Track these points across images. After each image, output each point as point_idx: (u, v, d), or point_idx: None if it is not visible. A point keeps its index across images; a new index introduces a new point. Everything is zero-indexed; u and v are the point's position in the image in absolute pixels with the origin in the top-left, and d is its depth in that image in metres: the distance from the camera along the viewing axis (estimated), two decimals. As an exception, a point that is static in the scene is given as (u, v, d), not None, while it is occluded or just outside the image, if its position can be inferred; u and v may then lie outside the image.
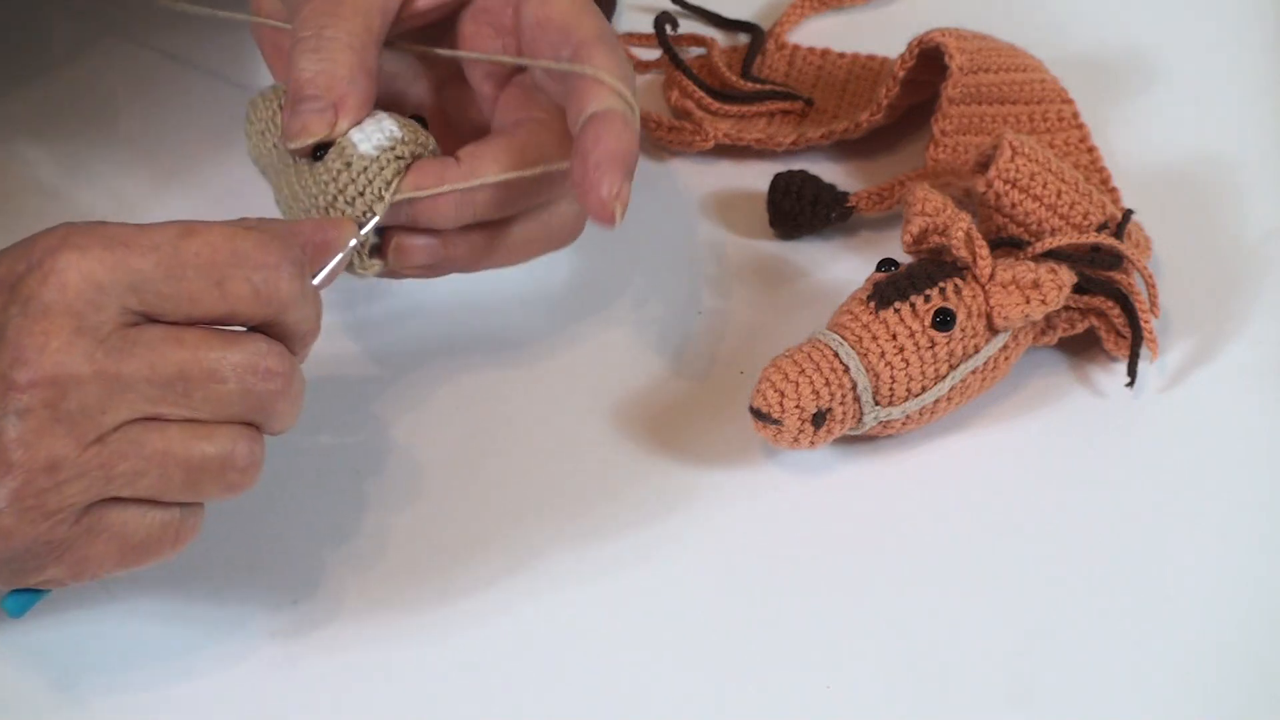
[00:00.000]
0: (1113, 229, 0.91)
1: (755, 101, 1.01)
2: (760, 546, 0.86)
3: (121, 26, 1.03)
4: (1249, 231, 0.97)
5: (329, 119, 0.83)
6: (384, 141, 0.83)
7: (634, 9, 1.07)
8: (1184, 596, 0.84)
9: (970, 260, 0.87)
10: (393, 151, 0.83)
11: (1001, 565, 0.85)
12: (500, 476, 0.87)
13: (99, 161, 0.98)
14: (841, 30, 1.06)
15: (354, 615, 0.83)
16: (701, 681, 0.81)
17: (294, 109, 0.83)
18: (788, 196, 0.96)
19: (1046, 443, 0.89)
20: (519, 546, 0.85)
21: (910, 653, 0.82)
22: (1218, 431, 0.89)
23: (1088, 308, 0.90)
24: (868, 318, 0.86)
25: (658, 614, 0.83)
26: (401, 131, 0.83)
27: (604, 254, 0.95)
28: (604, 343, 0.92)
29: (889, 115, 0.99)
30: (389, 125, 0.84)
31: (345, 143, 0.83)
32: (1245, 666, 0.82)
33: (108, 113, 1.01)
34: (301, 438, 0.87)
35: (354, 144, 0.83)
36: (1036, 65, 1.00)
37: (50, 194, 0.97)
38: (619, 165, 0.81)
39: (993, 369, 0.88)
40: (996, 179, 0.89)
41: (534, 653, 0.82)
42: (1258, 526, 0.86)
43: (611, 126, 0.82)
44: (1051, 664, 0.82)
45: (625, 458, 0.88)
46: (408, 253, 0.85)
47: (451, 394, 0.90)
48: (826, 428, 0.85)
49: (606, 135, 0.81)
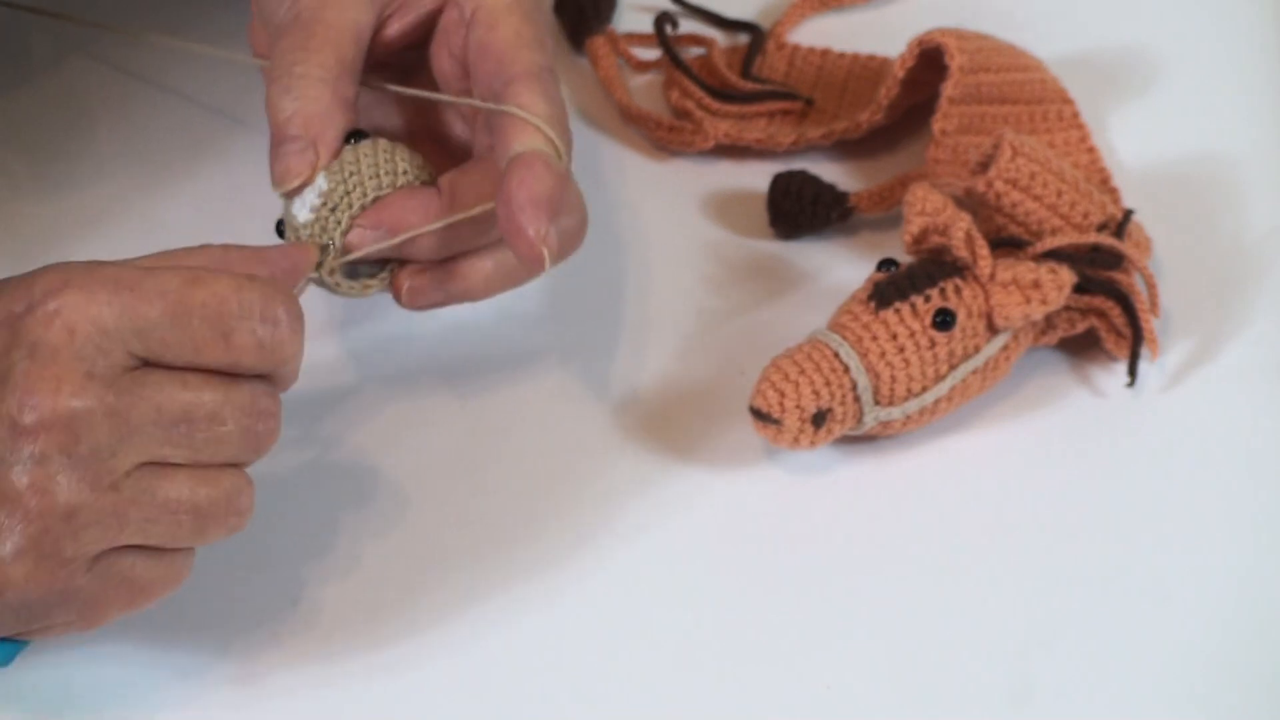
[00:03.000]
0: (1113, 229, 0.91)
1: (755, 101, 1.01)
2: (760, 547, 0.86)
3: (96, 47, 1.03)
4: (1249, 231, 0.97)
5: (310, 159, 0.83)
6: (315, 201, 0.83)
7: (634, 9, 1.07)
8: (1184, 596, 0.84)
9: (970, 260, 0.87)
10: (325, 208, 0.83)
11: (1002, 565, 0.85)
12: (500, 476, 0.87)
13: (72, 172, 0.98)
14: (841, 30, 1.06)
15: (354, 616, 0.83)
16: (701, 681, 0.81)
17: (276, 152, 0.83)
18: (788, 196, 0.96)
19: (1046, 443, 0.89)
20: (518, 547, 0.85)
21: (910, 652, 0.82)
22: (1218, 431, 0.89)
23: (1088, 308, 0.90)
24: (868, 318, 0.86)
25: (657, 614, 0.83)
26: (328, 182, 0.83)
27: (604, 254, 0.95)
28: (603, 343, 0.92)
29: (889, 115, 0.99)
30: (320, 181, 0.83)
31: (288, 213, 0.83)
32: (1246, 666, 0.82)
33: (81, 127, 1.00)
34: (301, 439, 0.87)
35: (294, 214, 0.83)
36: (1036, 65, 1.00)
37: (25, 201, 0.97)
38: (541, 209, 0.80)
39: (993, 369, 0.88)
40: (997, 179, 0.89)
41: (533, 653, 0.82)
42: (1258, 526, 0.86)
43: (532, 169, 0.81)
44: (1052, 664, 0.82)
45: (625, 458, 0.88)
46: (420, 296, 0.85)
47: (450, 394, 0.90)
48: (826, 428, 0.85)
49: (528, 178, 0.80)
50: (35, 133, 1.00)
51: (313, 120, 0.83)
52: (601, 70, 1.03)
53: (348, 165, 0.83)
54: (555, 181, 0.81)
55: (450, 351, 0.92)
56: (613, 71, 1.02)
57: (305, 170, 0.83)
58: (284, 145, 0.83)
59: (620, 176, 0.99)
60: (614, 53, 1.04)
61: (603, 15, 1.05)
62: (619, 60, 1.04)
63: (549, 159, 0.81)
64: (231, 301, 0.73)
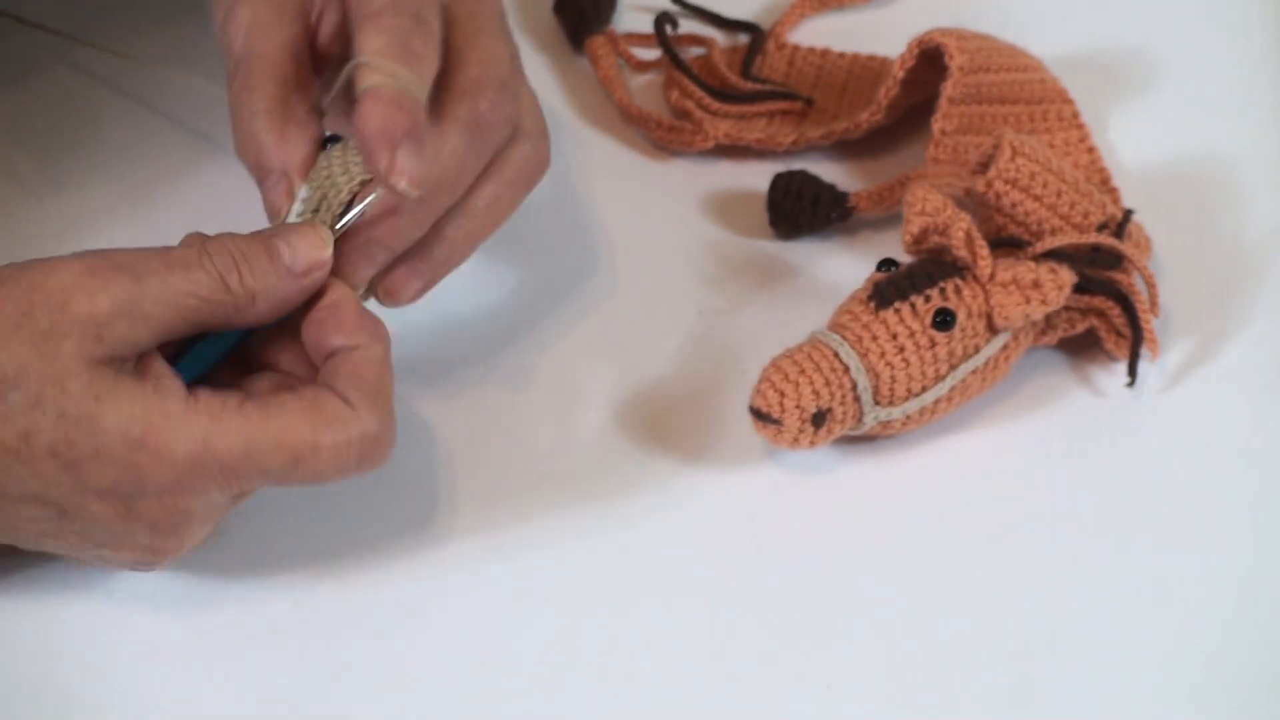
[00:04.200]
0: (1113, 229, 0.91)
1: (755, 101, 1.01)
2: (760, 546, 0.86)
3: (78, 57, 1.03)
4: (1249, 231, 0.97)
5: (285, 187, 0.84)
6: (300, 208, 0.83)
7: (634, 9, 1.07)
8: (1184, 596, 0.84)
9: (970, 260, 0.87)
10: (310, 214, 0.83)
11: (1002, 565, 0.85)
12: (499, 476, 0.87)
13: (58, 179, 0.98)
14: (841, 30, 1.06)
15: (354, 616, 0.83)
16: (701, 681, 0.81)
17: (261, 191, 0.84)
18: (788, 196, 0.96)
19: (1046, 443, 0.89)
20: (518, 546, 0.85)
21: (910, 652, 0.82)
22: (1218, 431, 0.89)
23: (1088, 308, 0.90)
24: (868, 318, 0.86)
25: (657, 614, 0.83)
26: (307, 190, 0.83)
27: (604, 254, 0.95)
28: (604, 343, 0.92)
29: (889, 115, 0.99)
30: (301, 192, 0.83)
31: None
32: (1246, 666, 0.82)
33: (66, 136, 1.00)
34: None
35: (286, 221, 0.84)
36: (1036, 65, 1.00)
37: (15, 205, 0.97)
38: (383, 142, 0.80)
39: (993, 369, 0.88)
40: (996, 179, 0.89)
41: (533, 653, 0.82)
42: (1258, 526, 0.86)
43: (373, 106, 0.80)
44: (1052, 664, 0.82)
45: (625, 457, 0.88)
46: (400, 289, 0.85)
47: (449, 394, 0.90)
48: (826, 428, 0.85)
49: (369, 115, 0.80)
50: (24, 140, 1.00)
51: (274, 152, 0.84)
52: (601, 70, 1.03)
53: (321, 172, 0.84)
54: (392, 112, 0.80)
55: (449, 351, 0.92)
56: (613, 71, 1.02)
57: (285, 200, 0.84)
58: (263, 184, 0.84)
59: (620, 176, 0.99)
60: (614, 53, 1.04)
61: (603, 15, 1.05)
62: (619, 60, 1.04)
63: (384, 90, 0.81)
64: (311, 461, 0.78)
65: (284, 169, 0.84)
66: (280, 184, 0.84)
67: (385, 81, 0.81)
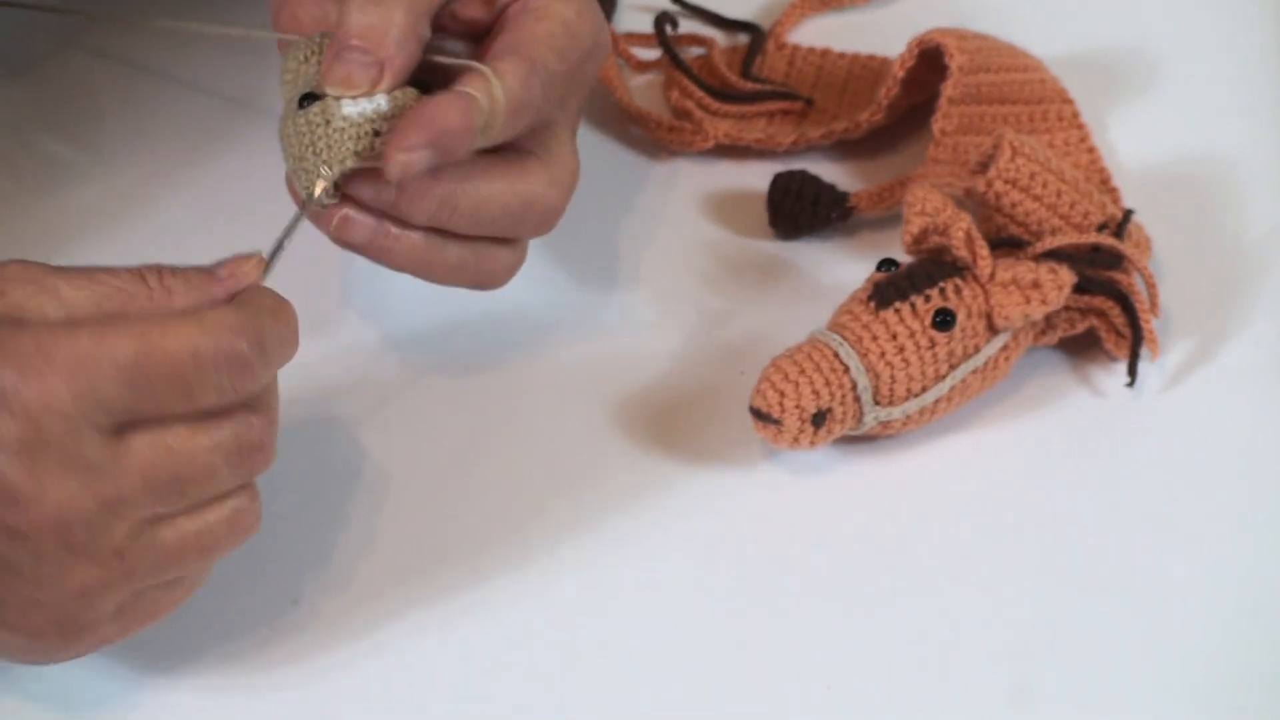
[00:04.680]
0: (1113, 229, 0.91)
1: (755, 101, 1.01)
2: (760, 546, 0.86)
3: (95, 41, 1.03)
4: (1249, 231, 0.97)
5: (373, 75, 0.81)
6: (369, 110, 0.82)
7: (634, 9, 1.07)
8: (1184, 596, 0.84)
9: (970, 260, 0.87)
10: (372, 124, 0.82)
11: (1002, 565, 0.85)
12: (499, 476, 0.87)
13: (76, 166, 0.98)
14: (841, 30, 1.06)
15: (354, 616, 0.83)
16: (701, 681, 0.81)
17: (340, 56, 0.81)
18: (788, 196, 0.96)
19: (1046, 443, 0.89)
20: (518, 547, 0.85)
21: (910, 652, 0.82)
22: (1218, 431, 0.89)
23: (1088, 308, 0.90)
24: (868, 318, 0.86)
25: (657, 614, 0.83)
26: (389, 106, 0.82)
27: (604, 254, 0.95)
28: (603, 342, 0.92)
29: (889, 115, 0.99)
30: (380, 96, 0.82)
31: (330, 100, 0.82)
32: (1245, 666, 0.82)
33: (84, 121, 1.00)
34: (302, 438, 0.87)
35: (339, 104, 0.82)
36: (1036, 65, 1.00)
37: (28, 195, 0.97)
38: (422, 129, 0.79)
39: (993, 369, 0.88)
40: (996, 179, 0.89)
41: (533, 652, 0.82)
42: (1258, 526, 0.86)
43: (458, 106, 0.79)
44: (1052, 664, 0.82)
45: (625, 457, 0.88)
46: (349, 227, 0.82)
47: (450, 393, 0.90)
48: (826, 428, 0.85)
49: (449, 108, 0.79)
50: (39, 127, 1.00)
51: (387, 41, 0.81)
52: (601, 70, 1.03)
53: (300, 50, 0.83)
54: (458, 118, 0.79)
55: (449, 351, 0.92)
56: (613, 71, 1.02)
57: (365, 84, 0.81)
58: (352, 53, 0.81)
59: (620, 176, 0.99)
60: (614, 53, 1.04)
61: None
62: (619, 60, 1.04)
63: (475, 107, 0.80)
64: (185, 361, 0.71)
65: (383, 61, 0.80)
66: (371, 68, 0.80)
67: (483, 101, 0.80)
